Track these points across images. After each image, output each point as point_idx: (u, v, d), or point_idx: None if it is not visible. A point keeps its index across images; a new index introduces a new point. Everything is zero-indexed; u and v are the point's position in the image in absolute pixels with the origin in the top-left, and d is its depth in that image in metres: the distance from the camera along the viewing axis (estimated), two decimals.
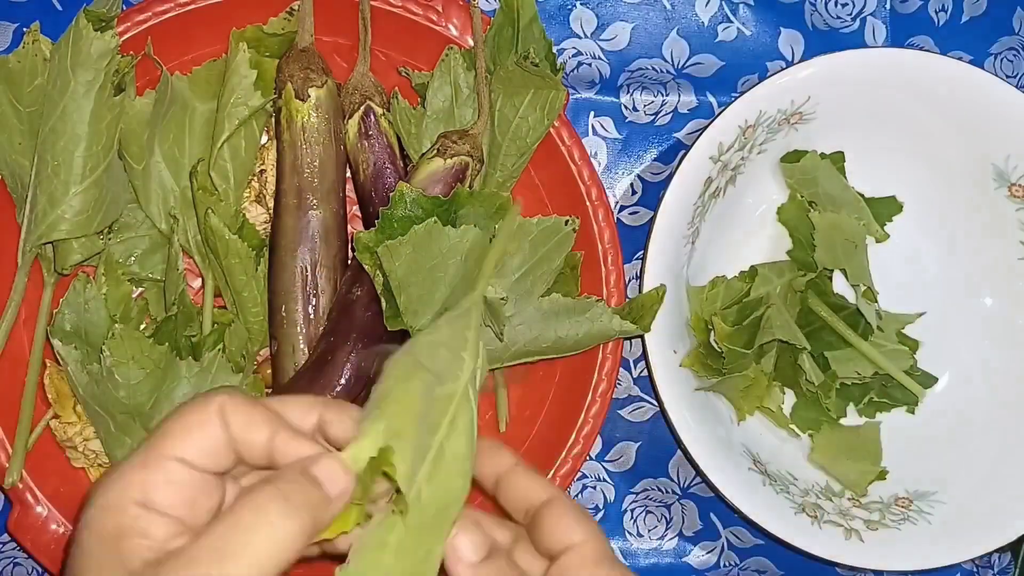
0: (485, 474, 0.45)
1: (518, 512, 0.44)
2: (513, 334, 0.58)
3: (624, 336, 0.59)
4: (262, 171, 0.62)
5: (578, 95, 0.67)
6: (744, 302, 0.63)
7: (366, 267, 0.56)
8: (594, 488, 0.68)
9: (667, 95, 0.68)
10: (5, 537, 0.65)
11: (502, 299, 0.56)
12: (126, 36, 0.59)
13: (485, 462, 0.45)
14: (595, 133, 0.68)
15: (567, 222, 0.57)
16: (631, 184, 0.68)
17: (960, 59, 0.63)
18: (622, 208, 0.68)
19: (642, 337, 0.59)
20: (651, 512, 0.68)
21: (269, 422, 0.37)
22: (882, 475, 0.63)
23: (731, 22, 0.67)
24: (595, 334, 0.58)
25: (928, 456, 0.66)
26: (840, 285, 0.66)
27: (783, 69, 0.60)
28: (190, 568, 0.33)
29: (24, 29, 0.63)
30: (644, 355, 0.60)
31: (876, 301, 0.65)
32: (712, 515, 0.69)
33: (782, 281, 0.65)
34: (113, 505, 0.35)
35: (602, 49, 0.67)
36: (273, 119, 0.61)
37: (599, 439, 0.67)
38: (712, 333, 0.63)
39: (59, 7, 0.65)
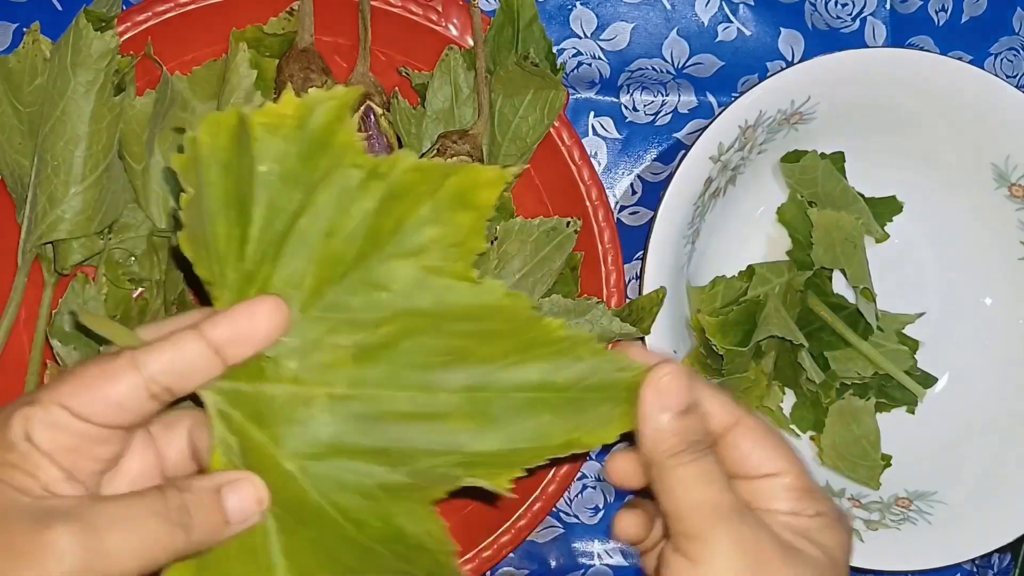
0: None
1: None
2: None
3: (624, 339, 0.59)
4: None
5: (578, 95, 0.68)
6: (741, 301, 0.63)
7: None
8: (594, 488, 0.68)
9: (667, 95, 0.68)
10: None
11: None
12: (126, 36, 0.59)
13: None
14: (595, 133, 0.68)
15: (569, 223, 0.57)
16: (631, 184, 0.68)
17: (960, 59, 0.63)
18: (622, 208, 0.68)
19: (642, 338, 0.59)
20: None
21: (197, 341, 0.36)
22: (887, 461, 0.63)
23: (731, 22, 0.67)
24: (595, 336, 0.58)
25: (928, 456, 0.66)
26: (840, 285, 0.66)
27: (783, 69, 0.60)
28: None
29: (24, 29, 0.63)
30: None
31: (875, 301, 0.65)
32: None
33: (781, 281, 0.65)
34: (4, 438, 0.34)
35: (602, 49, 0.67)
36: None
37: None
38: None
39: (59, 7, 0.65)
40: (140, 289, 0.62)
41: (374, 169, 0.36)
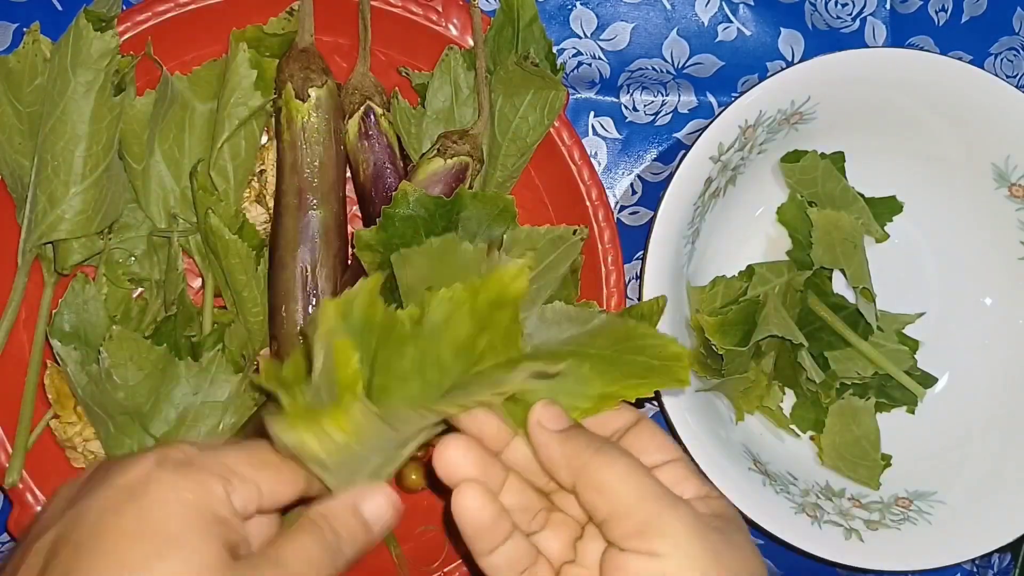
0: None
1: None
2: None
3: None
4: (262, 171, 0.62)
5: (578, 95, 0.67)
6: (740, 301, 0.63)
7: (365, 265, 0.56)
8: None
9: (667, 95, 0.68)
10: (5, 537, 0.65)
11: None
12: (126, 36, 0.59)
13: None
14: (595, 133, 0.68)
15: (575, 231, 0.57)
16: (631, 184, 0.68)
17: (960, 59, 0.63)
18: (622, 208, 0.68)
19: None
20: None
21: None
22: (887, 461, 0.63)
23: (731, 22, 0.67)
24: None
25: (928, 456, 0.66)
26: (840, 285, 0.66)
27: (783, 69, 0.60)
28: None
29: (24, 29, 0.63)
30: None
31: (874, 301, 0.65)
32: None
33: (780, 281, 0.65)
34: (202, 486, 0.37)
35: (602, 49, 0.67)
36: (273, 119, 0.61)
37: None
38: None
39: (59, 7, 0.65)
40: (140, 289, 0.62)
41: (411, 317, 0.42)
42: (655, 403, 0.67)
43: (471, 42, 0.61)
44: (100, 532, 0.34)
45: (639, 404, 0.61)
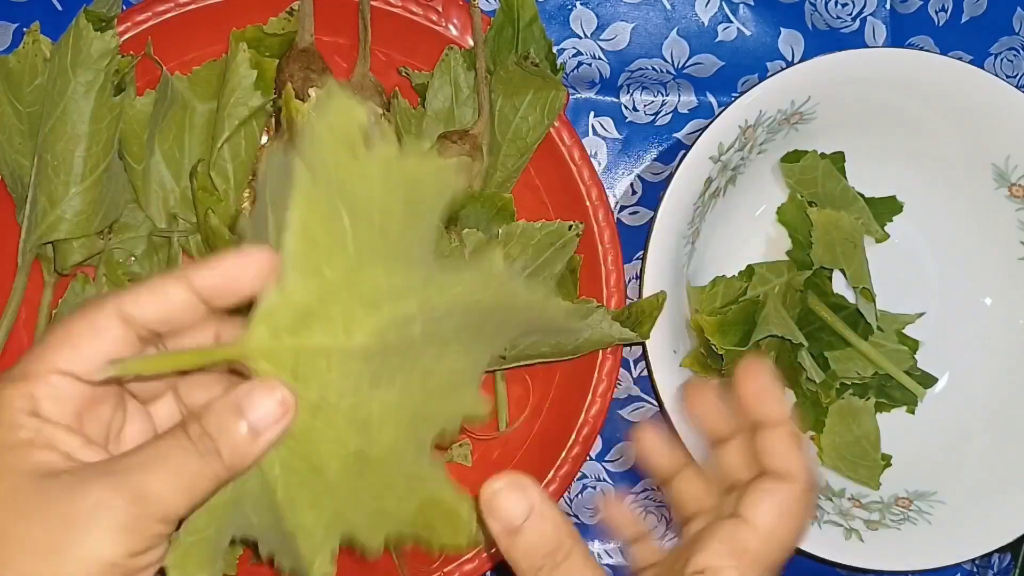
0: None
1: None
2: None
3: (624, 343, 0.59)
4: None
5: (578, 95, 0.67)
6: (740, 301, 0.63)
7: None
8: (594, 488, 0.68)
9: (667, 95, 0.68)
10: None
11: None
12: (126, 36, 0.59)
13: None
14: (595, 133, 0.68)
15: (571, 227, 0.57)
16: (631, 184, 0.68)
17: (960, 59, 0.63)
18: (622, 208, 0.68)
19: (642, 342, 0.59)
20: (651, 512, 0.68)
21: (178, 282, 0.35)
22: (887, 461, 0.63)
23: (731, 22, 0.67)
24: (594, 340, 0.58)
25: (928, 456, 0.66)
26: (840, 285, 0.66)
27: (783, 69, 0.60)
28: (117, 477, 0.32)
29: (24, 29, 0.63)
30: (644, 355, 0.60)
31: (874, 301, 0.65)
32: None
33: (780, 281, 0.65)
34: (5, 419, 0.33)
35: (602, 49, 0.67)
36: (273, 119, 0.61)
37: (599, 439, 0.67)
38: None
39: (59, 7, 0.65)
40: None
41: None
42: (655, 403, 0.67)
43: (471, 42, 0.61)
44: None
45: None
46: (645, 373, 0.67)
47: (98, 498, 0.32)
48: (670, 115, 0.68)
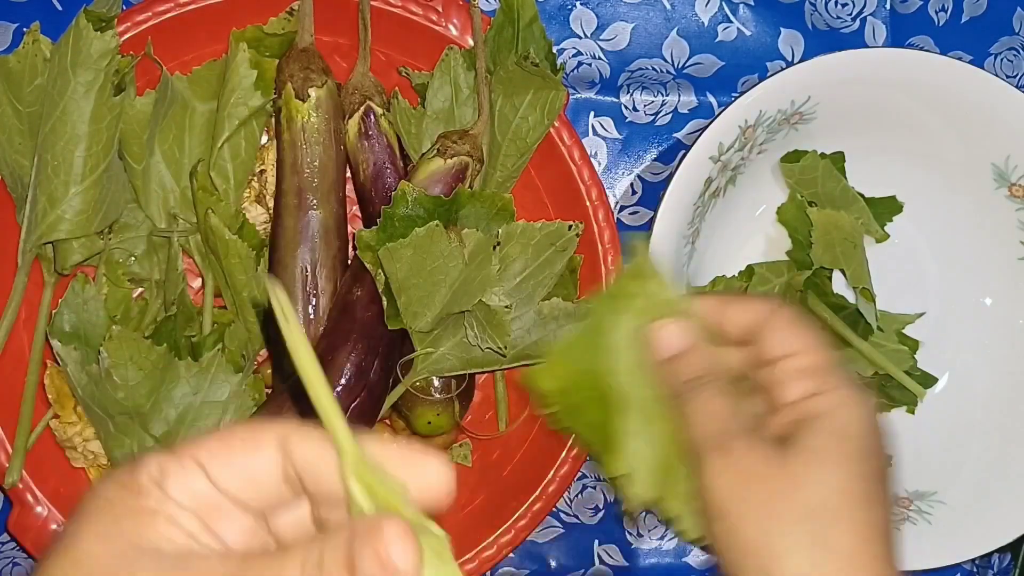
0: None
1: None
2: (513, 338, 0.58)
3: None
4: (262, 171, 0.62)
5: (578, 95, 0.67)
6: None
7: (367, 265, 0.56)
8: (594, 488, 0.68)
9: (667, 95, 0.68)
10: (5, 537, 0.65)
11: (506, 307, 0.56)
12: (126, 36, 0.59)
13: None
14: (595, 133, 0.68)
15: (571, 227, 0.57)
16: (631, 184, 0.68)
17: (960, 59, 0.63)
18: (622, 208, 0.68)
19: None
20: (651, 512, 0.68)
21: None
22: (887, 461, 0.63)
23: (731, 22, 0.67)
24: None
25: (928, 456, 0.66)
26: (840, 285, 0.66)
27: (783, 69, 0.60)
28: None
29: (24, 29, 0.63)
30: None
31: (874, 301, 0.65)
32: None
33: (780, 281, 0.65)
34: (129, 481, 0.30)
35: (602, 49, 0.67)
36: (273, 119, 0.61)
37: None
38: None
39: (59, 7, 0.65)
40: (140, 289, 0.62)
41: None
42: None
43: (471, 42, 0.61)
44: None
45: None
46: None
47: None
48: (670, 115, 0.68)
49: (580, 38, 0.67)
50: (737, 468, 0.40)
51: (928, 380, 0.67)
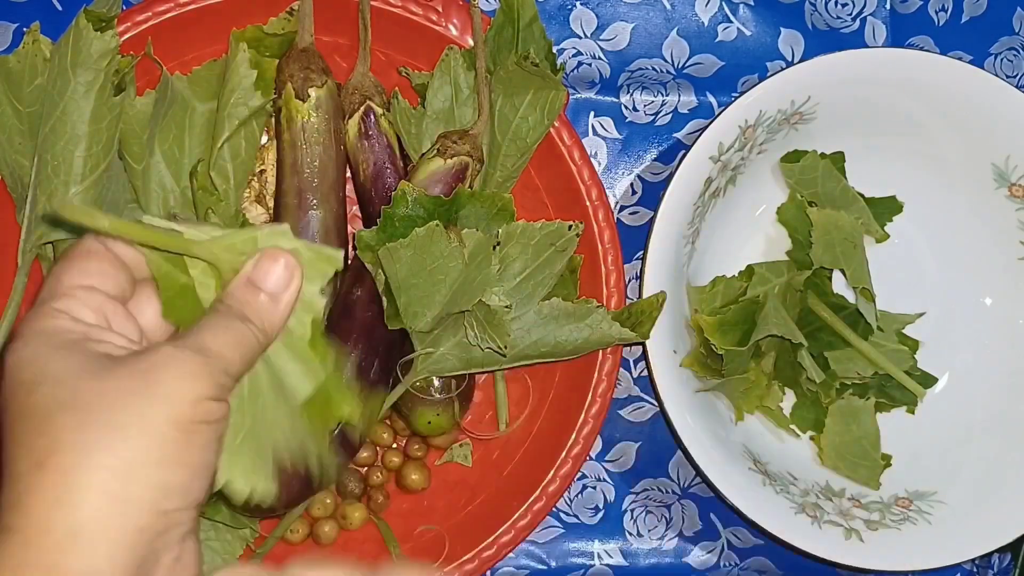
0: None
1: None
2: (513, 338, 0.58)
3: (623, 343, 0.59)
4: (262, 171, 0.62)
5: (578, 95, 0.67)
6: (740, 301, 0.63)
7: (367, 265, 0.56)
8: (594, 488, 0.68)
9: (667, 95, 0.68)
10: None
11: (506, 307, 0.56)
12: (126, 36, 0.59)
13: None
14: (595, 133, 0.68)
15: (571, 227, 0.57)
16: (631, 184, 0.68)
17: (960, 59, 0.63)
18: (622, 208, 0.68)
19: (642, 342, 0.59)
20: (651, 512, 0.68)
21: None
22: (887, 461, 0.63)
23: (731, 22, 0.67)
24: (594, 340, 0.58)
25: (928, 456, 0.66)
26: (840, 285, 0.66)
27: (783, 69, 0.60)
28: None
29: (24, 29, 0.63)
30: (644, 355, 0.60)
31: (874, 301, 0.65)
32: (712, 515, 0.69)
33: (780, 281, 0.65)
34: (49, 327, 0.36)
35: (602, 49, 0.67)
36: (273, 119, 0.61)
37: (599, 439, 0.67)
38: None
39: (59, 7, 0.65)
40: None
41: None
42: (655, 403, 0.67)
43: (471, 42, 0.61)
44: (7, 421, 0.36)
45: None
46: (645, 373, 0.67)
47: (167, 354, 0.35)
48: (670, 115, 0.68)
49: (580, 38, 0.67)
50: None
51: (928, 380, 0.67)
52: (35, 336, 0.36)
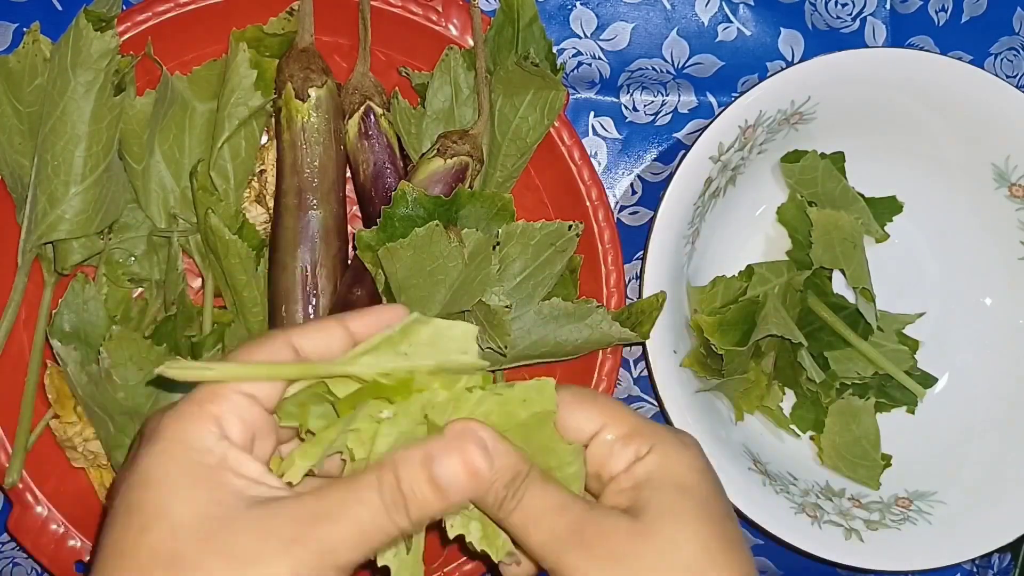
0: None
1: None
2: (513, 338, 0.58)
3: (623, 343, 0.59)
4: (262, 171, 0.62)
5: (578, 95, 0.67)
6: (740, 301, 0.63)
7: (367, 265, 0.56)
8: None
9: (667, 95, 0.68)
10: (5, 537, 0.65)
11: (506, 307, 0.56)
12: (126, 36, 0.59)
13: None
14: (595, 133, 0.68)
15: (571, 227, 0.57)
16: (631, 184, 0.68)
17: (960, 59, 0.63)
18: (622, 208, 0.68)
19: (642, 342, 0.59)
20: None
21: (337, 321, 0.38)
22: (887, 461, 0.63)
23: (731, 22, 0.67)
24: (594, 340, 0.58)
25: (928, 456, 0.66)
26: (840, 285, 0.66)
27: (783, 69, 0.60)
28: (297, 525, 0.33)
29: (24, 29, 0.63)
30: (644, 355, 0.60)
31: (874, 301, 0.65)
32: None
33: (780, 281, 0.65)
34: (193, 438, 0.34)
35: (602, 49, 0.67)
36: (273, 119, 0.61)
37: None
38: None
39: (59, 7, 0.65)
40: (140, 289, 0.62)
41: None
42: (655, 403, 0.67)
43: (471, 42, 0.61)
44: (114, 541, 0.34)
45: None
46: (645, 373, 0.67)
47: (286, 540, 0.33)
48: (670, 115, 0.68)
49: (580, 38, 0.67)
50: (601, 556, 0.37)
51: (928, 380, 0.67)
52: (173, 445, 0.34)
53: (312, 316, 0.59)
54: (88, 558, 0.59)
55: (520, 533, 0.38)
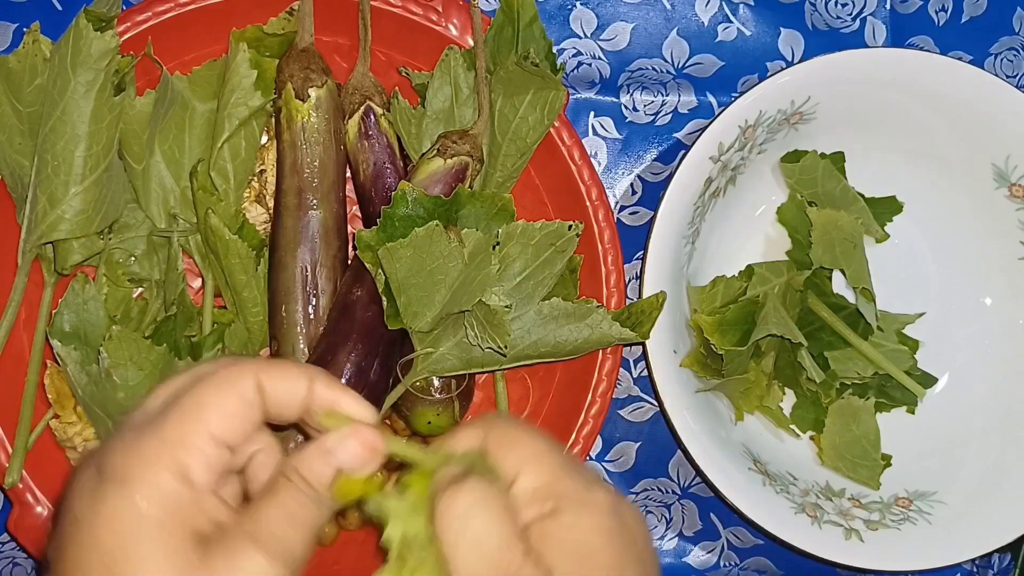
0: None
1: None
2: (513, 338, 0.58)
3: (623, 343, 0.59)
4: (262, 171, 0.62)
5: (578, 95, 0.67)
6: (740, 301, 0.63)
7: (367, 265, 0.56)
8: None
9: (667, 95, 0.68)
10: (5, 537, 0.65)
11: (506, 307, 0.56)
12: (126, 36, 0.59)
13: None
14: (595, 133, 0.68)
15: (571, 227, 0.57)
16: (631, 184, 0.68)
17: (960, 59, 0.63)
18: (622, 208, 0.68)
19: (642, 342, 0.59)
20: (651, 512, 0.68)
21: (306, 376, 0.39)
22: (887, 461, 0.63)
23: (731, 22, 0.67)
24: (594, 340, 0.58)
25: (928, 456, 0.66)
26: (840, 285, 0.66)
27: (783, 69, 0.60)
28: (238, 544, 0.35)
29: (24, 29, 0.63)
30: (644, 355, 0.60)
31: (874, 301, 0.65)
32: (712, 515, 0.69)
33: (780, 281, 0.65)
34: (163, 482, 0.35)
35: (602, 49, 0.67)
36: (273, 119, 0.61)
37: (599, 439, 0.67)
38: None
39: (59, 7, 0.65)
40: (140, 289, 0.62)
41: None
42: (655, 403, 0.67)
43: (471, 42, 0.61)
44: (68, 569, 0.35)
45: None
46: (645, 373, 0.67)
47: (250, 558, 0.35)
48: (670, 115, 0.68)
49: (580, 38, 0.67)
50: None
51: (928, 380, 0.67)
52: (141, 487, 0.35)
53: (312, 316, 0.59)
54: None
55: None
